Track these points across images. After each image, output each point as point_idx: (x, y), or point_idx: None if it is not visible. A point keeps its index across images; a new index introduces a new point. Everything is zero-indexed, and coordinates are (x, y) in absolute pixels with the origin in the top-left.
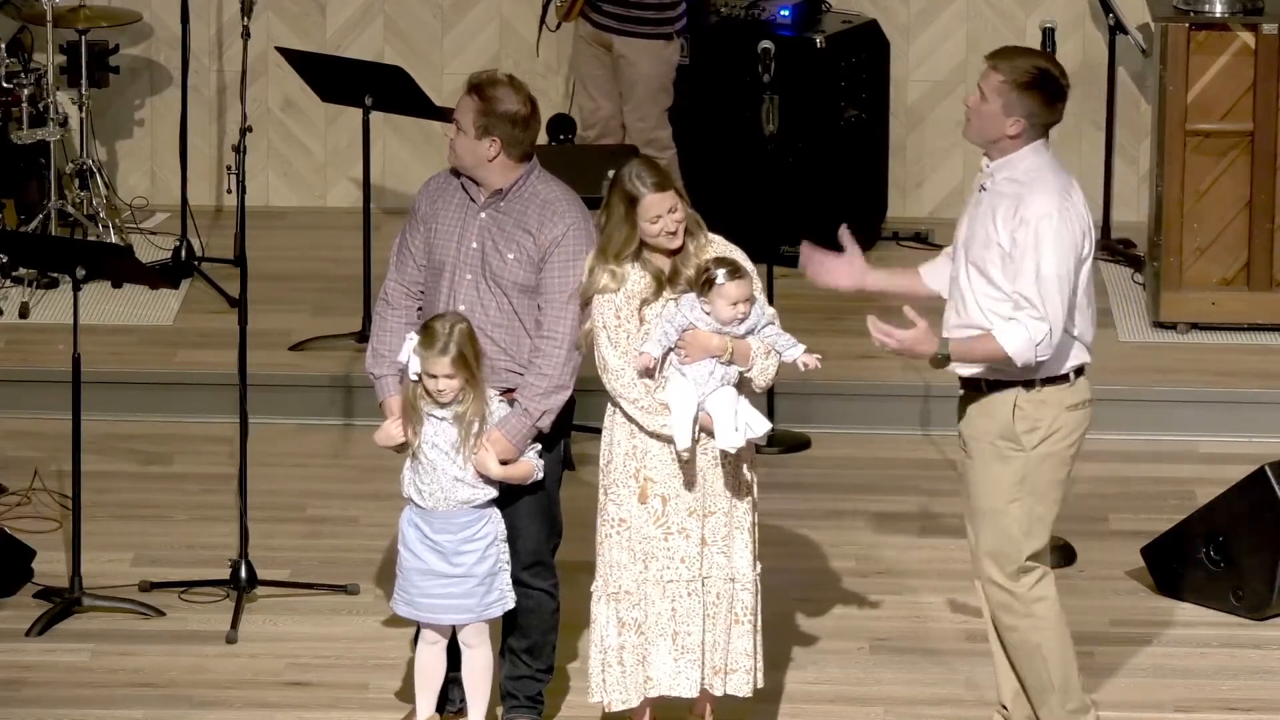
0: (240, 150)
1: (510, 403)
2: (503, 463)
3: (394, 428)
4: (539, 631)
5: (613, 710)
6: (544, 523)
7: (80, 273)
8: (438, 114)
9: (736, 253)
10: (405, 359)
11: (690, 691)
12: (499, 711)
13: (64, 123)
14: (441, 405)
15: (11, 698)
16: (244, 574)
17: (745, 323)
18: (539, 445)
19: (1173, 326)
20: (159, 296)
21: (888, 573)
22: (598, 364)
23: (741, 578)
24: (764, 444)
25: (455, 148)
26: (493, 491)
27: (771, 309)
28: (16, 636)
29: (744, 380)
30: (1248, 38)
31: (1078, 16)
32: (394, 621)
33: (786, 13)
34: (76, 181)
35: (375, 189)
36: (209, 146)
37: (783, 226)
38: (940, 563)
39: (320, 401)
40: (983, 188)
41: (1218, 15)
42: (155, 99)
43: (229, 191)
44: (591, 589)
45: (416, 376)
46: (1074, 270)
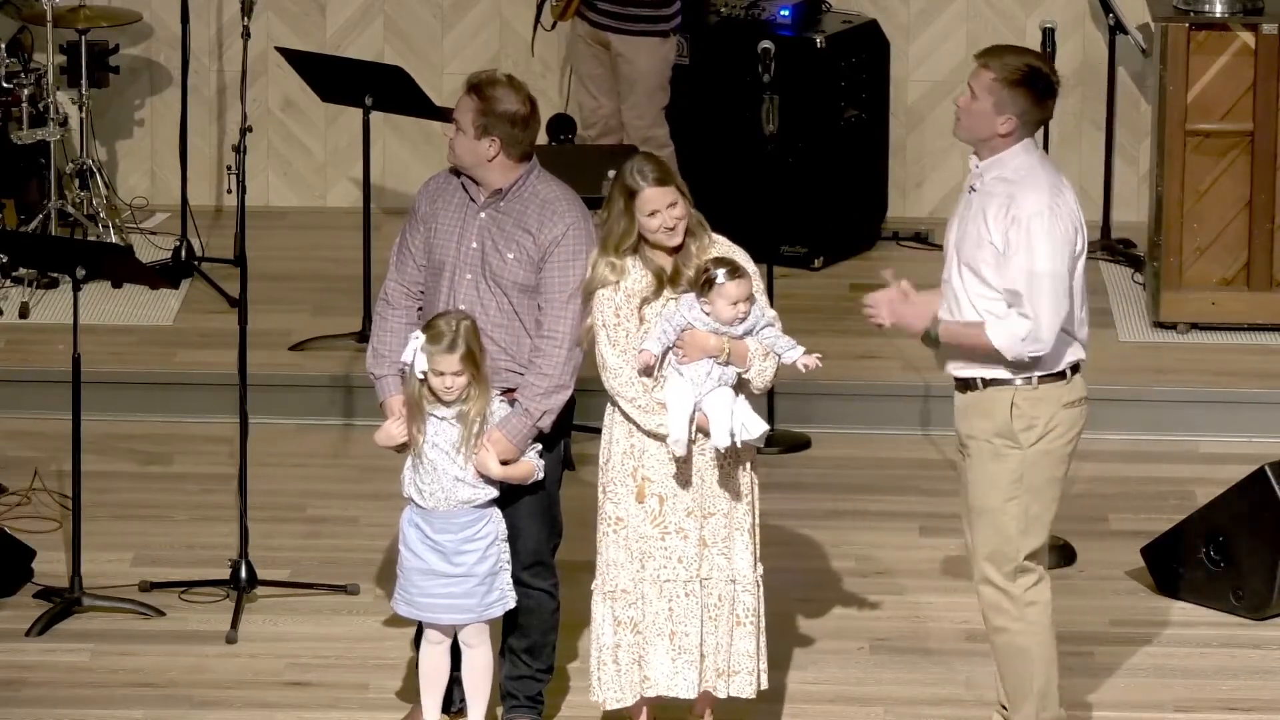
0: (240, 150)
1: (511, 403)
2: (503, 463)
3: (394, 428)
4: (539, 631)
5: (608, 708)
6: (544, 523)
7: (80, 273)
8: (438, 114)
9: (739, 254)
10: (410, 358)
11: (688, 692)
12: (499, 711)
13: (64, 123)
14: (447, 403)
15: (11, 698)
16: (244, 574)
17: (744, 323)
18: (539, 445)
19: (1173, 326)
20: (159, 296)
21: (888, 573)
22: (597, 362)
23: (742, 579)
24: (762, 446)
25: (455, 148)
26: (493, 491)
27: (772, 311)
28: (16, 636)
29: (742, 382)
30: (1248, 38)
31: (1078, 16)
32: (394, 621)
33: (786, 13)
34: (76, 181)
35: (375, 189)
36: (209, 146)
37: (783, 226)
38: (940, 563)
39: (320, 401)
40: (972, 188)
41: (1218, 15)
42: (155, 99)
43: (229, 191)
44: (592, 587)
45: (423, 375)
46: (1068, 268)
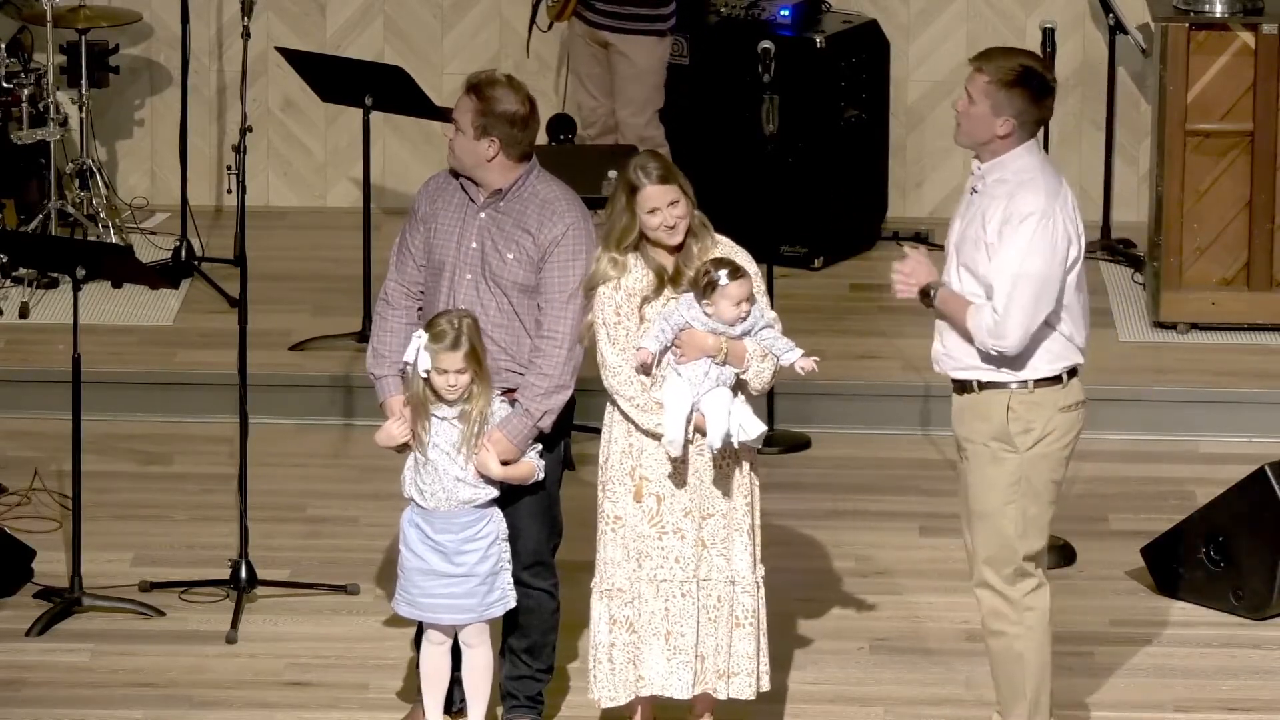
0: (240, 150)
1: (511, 403)
2: (504, 463)
3: (395, 428)
4: (539, 631)
5: (603, 706)
6: (544, 523)
7: (80, 273)
8: (438, 114)
9: (742, 254)
10: (413, 357)
11: (683, 693)
12: (499, 711)
13: (64, 123)
14: (450, 402)
15: (11, 698)
16: (244, 574)
17: (743, 324)
18: (540, 445)
19: (1173, 326)
20: (159, 296)
21: (887, 573)
22: (597, 360)
23: (741, 580)
24: (760, 447)
25: (454, 148)
26: (494, 491)
27: (772, 313)
28: (16, 636)
29: (740, 383)
30: (1248, 38)
31: (1078, 16)
32: (394, 621)
33: (786, 13)
34: (76, 181)
35: (375, 189)
36: (209, 146)
37: (783, 226)
38: (940, 563)
39: (320, 401)
40: (974, 190)
41: (1218, 15)
42: (155, 99)
43: (229, 191)
44: (591, 585)
45: (426, 374)
46: (1055, 273)
